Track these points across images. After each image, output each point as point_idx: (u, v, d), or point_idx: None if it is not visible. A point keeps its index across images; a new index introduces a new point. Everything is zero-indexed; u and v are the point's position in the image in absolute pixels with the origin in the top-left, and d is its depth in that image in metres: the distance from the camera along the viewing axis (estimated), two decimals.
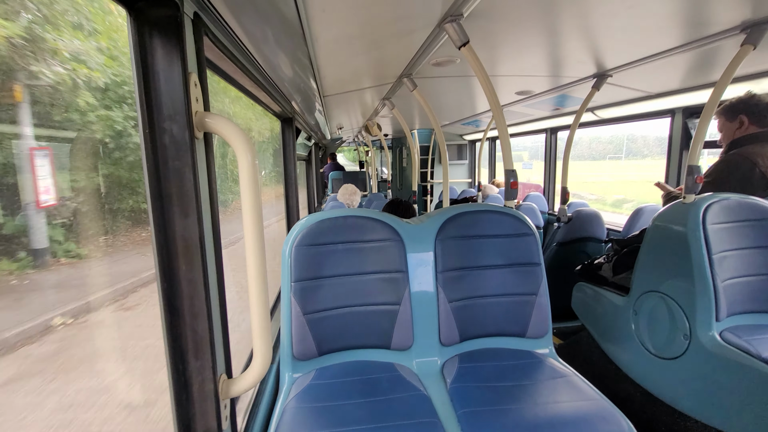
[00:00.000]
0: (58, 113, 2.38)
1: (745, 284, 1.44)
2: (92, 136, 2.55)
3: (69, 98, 2.32)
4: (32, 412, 1.93)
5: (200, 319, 0.69)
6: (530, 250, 1.39)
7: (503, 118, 1.43)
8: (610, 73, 2.01)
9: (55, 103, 2.31)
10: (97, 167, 2.68)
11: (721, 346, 1.32)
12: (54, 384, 2.10)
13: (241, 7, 0.85)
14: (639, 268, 1.71)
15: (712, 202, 1.47)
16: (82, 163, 2.58)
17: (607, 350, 1.88)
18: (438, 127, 2.17)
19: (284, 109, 2.13)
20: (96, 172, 2.69)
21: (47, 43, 2.09)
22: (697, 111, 2.38)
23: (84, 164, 2.61)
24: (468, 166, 6.14)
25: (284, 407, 1.05)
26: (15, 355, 2.22)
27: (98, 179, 2.69)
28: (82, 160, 2.58)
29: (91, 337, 2.60)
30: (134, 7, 0.60)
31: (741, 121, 1.70)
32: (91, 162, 2.64)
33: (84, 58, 2.29)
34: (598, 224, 2.82)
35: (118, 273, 3.13)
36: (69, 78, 2.25)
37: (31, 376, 2.12)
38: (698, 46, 1.49)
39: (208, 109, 0.72)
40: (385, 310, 1.29)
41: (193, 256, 0.66)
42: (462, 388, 1.12)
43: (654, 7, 1.20)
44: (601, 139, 6.38)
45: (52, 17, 2.13)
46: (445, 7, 1.15)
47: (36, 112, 2.18)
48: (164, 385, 0.76)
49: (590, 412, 0.98)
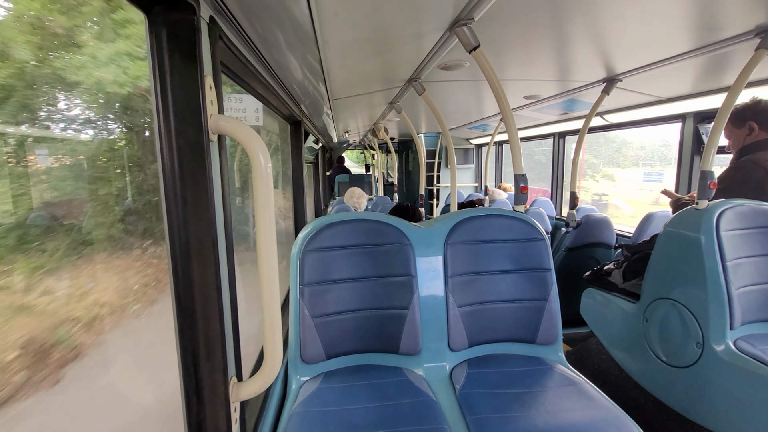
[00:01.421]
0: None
1: (759, 292, 1.41)
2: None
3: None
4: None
5: (212, 321, 0.69)
6: (540, 256, 1.37)
7: (513, 123, 1.42)
8: (620, 78, 1.99)
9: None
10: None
11: (735, 355, 1.30)
12: None
13: (256, 11, 0.85)
14: (650, 275, 1.68)
15: (726, 208, 1.45)
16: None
17: (617, 358, 1.86)
18: (446, 131, 2.17)
19: (293, 113, 2.15)
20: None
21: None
22: (708, 116, 2.35)
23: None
24: (474, 170, 6.13)
25: (292, 411, 1.04)
26: None
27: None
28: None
29: None
30: (151, 11, 0.60)
31: (750, 128, 1.68)
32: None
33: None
34: (608, 229, 2.79)
35: None
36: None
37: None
38: (711, 50, 1.48)
39: (222, 111, 0.73)
40: (394, 314, 1.28)
41: (206, 258, 0.67)
42: (471, 394, 1.11)
43: (666, 12, 1.19)
44: (633, 144, 6.07)
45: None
46: (456, 11, 1.15)
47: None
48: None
49: (602, 420, 0.97)
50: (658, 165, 7.15)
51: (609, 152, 7.48)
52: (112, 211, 1.31)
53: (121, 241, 1.37)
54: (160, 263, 1.49)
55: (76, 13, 1.09)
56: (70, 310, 1.14)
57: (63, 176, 1.13)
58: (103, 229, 1.27)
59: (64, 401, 1.09)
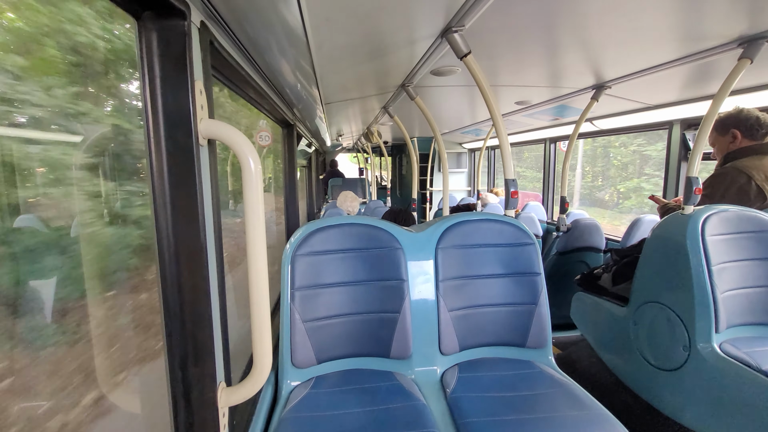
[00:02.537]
0: None
1: (744, 296, 1.44)
2: None
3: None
4: None
5: (201, 326, 0.68)
6: (530, 260, 1.39)
7: (504, 128, 1.44)
8: (609, 85, 2.03)
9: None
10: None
11: (721, 357, 1.32)
12: None
13: (247, 17, 0.86)
14: (638, 279, 1.71)
15: (711, 214, 1.48)
16: None
17: (607, 361, 1.87)
18: (438, 136, 2.19)
19: (285, 116, 2.15)
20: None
21: None
22: (695, 123, 2.40)
23: None
24: (467, 175, 6.16)
25: (282, 416, 1.04)
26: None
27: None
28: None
29: None
30: (141, 16, 0.61)
31: (734, 135, 1.73)
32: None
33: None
34: (597, 234, 2.83)
35: None
36: None
37: None
38: (696, 59, 1.51)
39: (212, 116, 0.73)
40: (385, 319, 1.28)
41: (195, 262, 0.66)
42: (461, 398, 1.12)
43: (652, 21, 1.22)
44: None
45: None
46: (447, 18, 1.17)
47: None
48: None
49: (591, 423, 0.98)
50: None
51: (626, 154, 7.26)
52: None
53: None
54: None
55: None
56: None
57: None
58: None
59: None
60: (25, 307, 0.95)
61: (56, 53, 1.04)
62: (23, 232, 0.94)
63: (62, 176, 1.08)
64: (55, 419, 1.00)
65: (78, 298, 1.11)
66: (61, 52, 1.06)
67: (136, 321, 1.37)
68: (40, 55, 1.00)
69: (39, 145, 1.01)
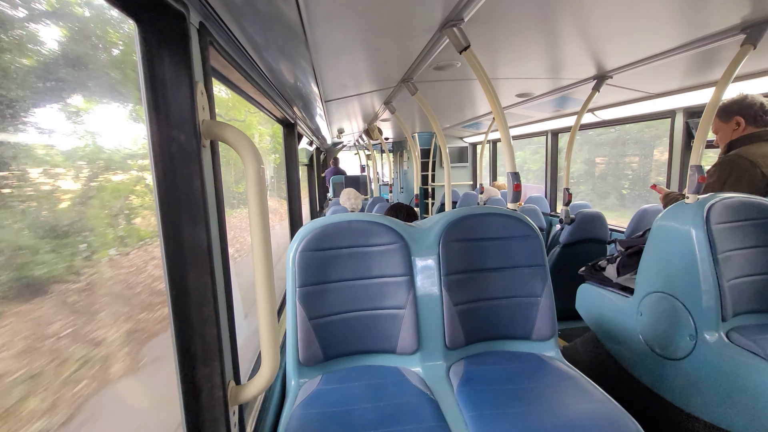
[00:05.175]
0: None
1: (750, 284, 1.43)
2: None
3: None
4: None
5: (208, 325, 0.69)
6: (534, 252, 1.39)
7: (505, 121, 1.43)
8: (611, 75, 2.01)
9: None
10: None
11: (728, 346, 1.32)
12: None
13: (246, 16, 0.86)
14: (643, 269, 1.70)
15: (716, 202, 1.47)
16: None
17: (613, 351, 1.87)
18: (439, 131, 2.18)
19: (286, 115, 2.15)
20: None
21: None
22: (698, 111, 2.38)
23: None
24: (469, 169, 6.15)
25: (291, 413, 1.05)
26: None
27: None
28: None
29: None
30: (141, 18, 0.61)
31: (737, 122, 1.71)
32: None
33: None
34: (601, 225, 2.82)
35: None
36: None
37: None
38: (698, 46, 1.50)
39: (214, 117, 0.73)
40: (391, 315, 1.29)
41: (202, 263, 0.67)
42: (469, 392, 1.12)
43: (653, 9, 1.21)
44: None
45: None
46: (446, 12, 1.16)
47: None
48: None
49: (598, 414, 0.98)
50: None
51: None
52: None
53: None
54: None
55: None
56: None
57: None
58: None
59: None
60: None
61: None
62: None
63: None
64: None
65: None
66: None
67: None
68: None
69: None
